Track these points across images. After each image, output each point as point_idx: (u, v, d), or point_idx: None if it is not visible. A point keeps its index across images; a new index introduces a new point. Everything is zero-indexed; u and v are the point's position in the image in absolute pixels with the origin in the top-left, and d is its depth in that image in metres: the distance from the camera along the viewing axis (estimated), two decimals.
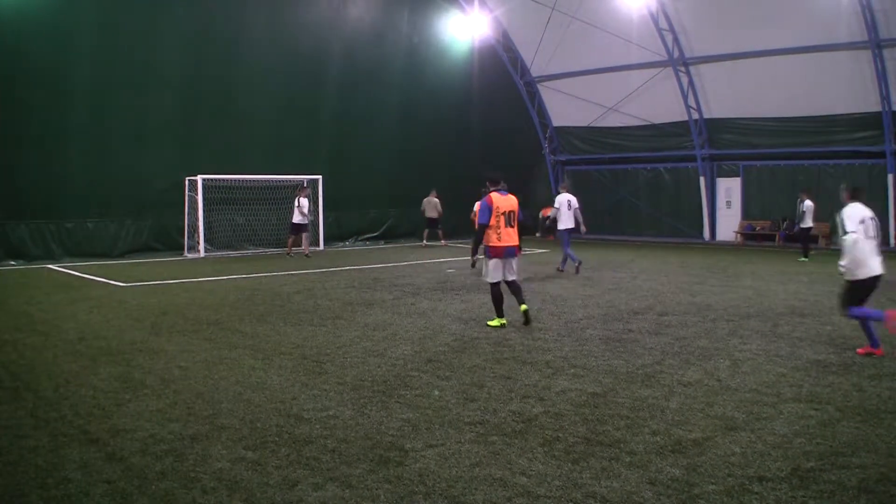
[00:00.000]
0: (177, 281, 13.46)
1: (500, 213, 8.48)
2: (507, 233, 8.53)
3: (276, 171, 19.98)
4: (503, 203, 8.54)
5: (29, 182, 16.24)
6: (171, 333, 8.42)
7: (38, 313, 9.83)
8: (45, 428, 5.01)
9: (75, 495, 3.88)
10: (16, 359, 7.17)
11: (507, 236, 8.54)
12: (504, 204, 8.54)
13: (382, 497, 3.87)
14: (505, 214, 8.51)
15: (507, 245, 8.55)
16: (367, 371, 6.60)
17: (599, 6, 22.60)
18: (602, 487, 3.98)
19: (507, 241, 8.55)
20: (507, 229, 8.54)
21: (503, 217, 8.49)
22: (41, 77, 16.13)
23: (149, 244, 18.39)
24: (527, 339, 8.05)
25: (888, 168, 20.29)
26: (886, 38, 19.03)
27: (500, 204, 8.51)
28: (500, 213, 8.48)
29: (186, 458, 4.41)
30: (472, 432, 4.89)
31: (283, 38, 20.25)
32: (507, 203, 8.58)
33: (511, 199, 8.67)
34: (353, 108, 22.00)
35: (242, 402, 5.63)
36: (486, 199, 8.54)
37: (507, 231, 8.53)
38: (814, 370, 6.56)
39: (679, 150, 24.57)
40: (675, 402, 5.59)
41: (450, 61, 25.02)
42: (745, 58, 21.62)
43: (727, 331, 8.44)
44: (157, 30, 17.79)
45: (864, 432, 4.84)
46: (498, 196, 8.56)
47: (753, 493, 3.88)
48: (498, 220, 8.47)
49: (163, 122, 18.16)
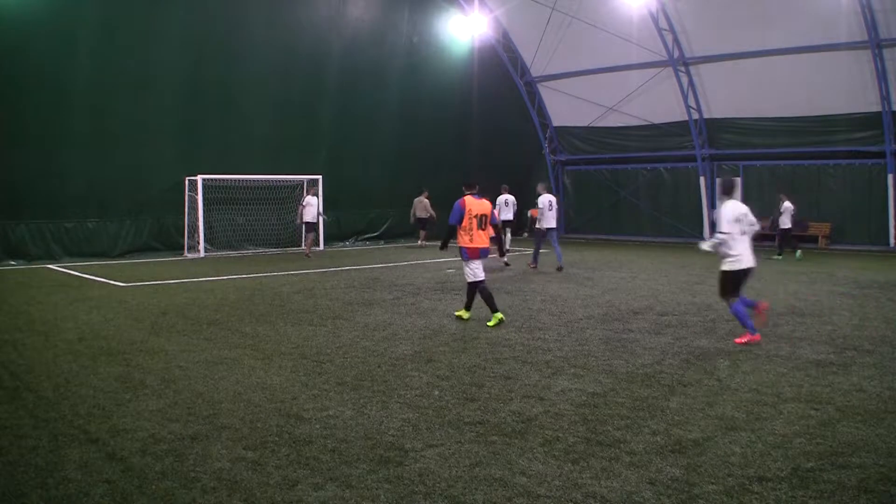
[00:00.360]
0: (177, 281, 13.46)
1: (473, 215, 8.90)
2: (478, 235, 8.93)
3: (276, 171, 19.99)
4: (476, 206, 8.95)
5: (29, 182, 16.22)
6: (171, 333, 8.42)
7: (38, 313, 9.83)
8: (45, 428, 5.01)
9: (75, 495, 3.88)
10: (16, 359, 7.17)
11: (478, 238, 8.94)
12: (477, 207, 8.95)
13: (382, 497, 3.87)
14: (477, 217, 8.92)
15: (479, 246, 8.96)
16: (367, 371, 6.60)
17: (599, 6, 22.59)
18: (602, 487, 3.98)
19: (478, 243, 8.95)
20: (479, 232, 8.94)
21: (475, 220, 8.91)
22: (41, 77, 16.13)
23: (149, 244, 18.38)
24: (527, 339, 8.05)
25: (888, 168, 20.28)
26: (886, 38, 19.03)
27: (472, 207, 8.92)
28: (473, 215, 8.90)
29: (186, 458, 4.41)
30: (472, 432, 4.89)
31: (283, 38, 20.24)
32: (480, 207, 8.99)
33: (485, 203, 9.10)
34: (353, 108, 21.99)
35: (242, 402, 5.63)
36: (460, 201, 8.98)
37: (478, 233, 8.93)
38: (814, 370, 6.56)
39: (679, 150, 24.56)
40: (675, 402, 5.59)
41: (450, 61, 25.01)
42: (746, 58, 21.61)
43: (727, 331, 8.44)
44: (157, 30, 17.78)
45: (864, 432, 4.84)
46: (472, 199, 8.99)
47: (753, 493, 3.88)
48: (470, 223, 8.89)
49: (163, 122, 18.15)
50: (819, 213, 22.12)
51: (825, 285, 12.54)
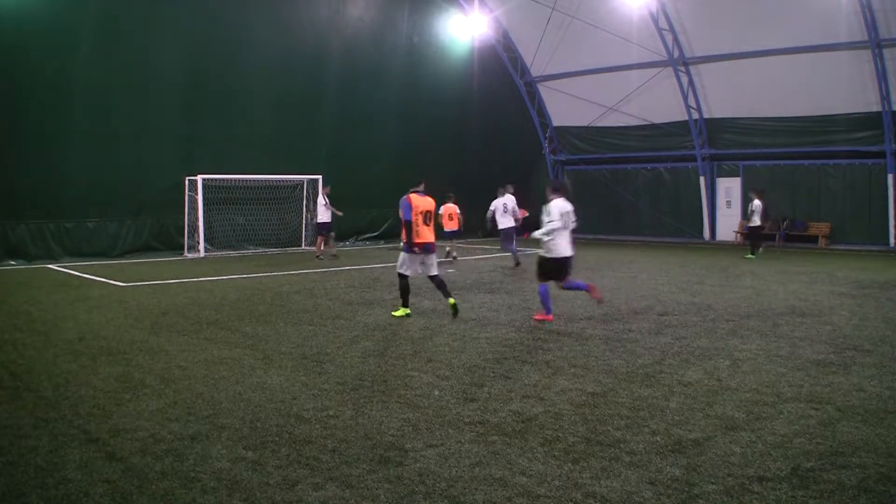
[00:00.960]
0: (177, 281, 13.46)
1: (419, 211, 9.28)
2: (424, 230, 9.31)
3: (276, 171, 20.00)
4: (421, 203, 9.36)
5: (29, 182, 16.24)
6: (171, 333, 8.42)
7: (38, 313, 9.83)
8: (45, 428, 5.00)
9: (75, 495, 3.88)
10: (16, 359, 7.17)
11: (424, 233, 9.31)
12: (422, 204, 9.36)
13: (382, 497, 3.87)
14: (423, 213, 9.31)
15: (424, 241, 9.31)
16: (367, 371, 6.60)
17: (599, 6, 22.59)
18: (602, 487, 3.98)
19: (424, 238, 9.31)
20: (425, 227, 9.33)
21: (421, 216, 9.30)
22: (41, 77, 16.13)
23: (149, 244, 18.39)
24: (527, 339, 8.05)
25: (888, 168, 20.29)
26: (886, 38, 19.03)
27: (418, 203, 9.31)
28: (419, 211, 9.28)
29: (186, 458, 4.41)
30: (472, 432, 4.89)
31: (283, 37, 20.25)
32: (425, 203, 9.41)
33: (429, 200, 9.52)
34: (353, 107, 22.00)
35: (242, 402, 5.63)
36: (406, 198, 9.33)
37: (424, 228, 9.31)
38: (814, 370, 6.56)
39: (679, 150, 24.57)
40: (675, 402, 5.59)
41: (450, 61, 25.02)
42: (746, 58, 21.62)
43: (727, 331, 8.44)
44: (158, 30, 17.80)
45: (864, 432, 4.84)
46: (417, 196, 9.40)
47: (753, 493, 3.88)
48: (417, 218, 9.27)
49: (163, 121, 18.16)
50: (819, 213, 22.14)
51: (825, 285, 12.54)
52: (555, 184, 9.52)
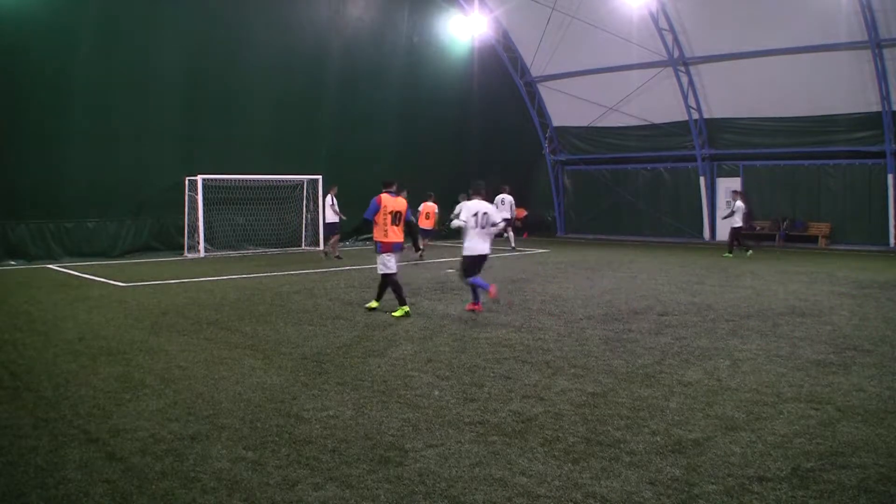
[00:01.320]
0: (177, 281, 13.46)
1: (388, 212, 9.46)
2: (392, 230, 9.55)
3: (276, 171, 19.98)
4: (391, 203, 9.52)
5: (29, 182, 16.22)
6: (171, 333, 8.42)
7: (38, 313, 9.82)
8: (45, 428, 5.00)
9: (75, 495, 3.88)
10: (16, 359, 7.17)
11: (392, 233, 9.56)
12: (392, 204, 9.53)
13: (382, 497, 3.87)
14: (392, 214, 9.50)
15: (393, 241, 9.59)
16: (367, 371, 6.60)
17: (599, 6, 22.60)
18: (602, 487, 3.98)
19: (392, 238, 9.57)
20: (393, 227, 9.55)
21: (390, 216, 9.48)
22: (41, 77, 16.12)
23: (149, 244, 18.38)
24: (527, 339, 8.05)
25: (888, 168, 20.29)
26: (886, 38, 19.03)
27: (388, 204, 9.49)
28: (388, 212, 9.46)
29: (186, 458, 4.41)
30: (472, 432, 4.89)
31: (283, 37, 20.24)
32: (396, 204, 9.57)
33: (400, 200, 9.68)
34: (353, 107, 21.99)
35: (242, 402, 5.63)
36: (377, 198, 9.52)
37: (392, 229, 9.54)
38: (814, 370, 6.56)
39: (679, 150, 24.58)
40: (675, 402, 5.59)
41: (450, 61, 25.01)
42: (746, 58, 21.62)
43: (727, 331, 8.44)
44: (158, 30, 17.79)
45: (864, 432, 4.84)
46: (388, 197, 9.56)
47: (753, 493, 3.88)
48: (385, 219, 9.47)
49: (163, 122, 18.15)
50: (819, 213, 22.15)
51: (825, 285, 12.54)
52: (475, 186, 9.96)
